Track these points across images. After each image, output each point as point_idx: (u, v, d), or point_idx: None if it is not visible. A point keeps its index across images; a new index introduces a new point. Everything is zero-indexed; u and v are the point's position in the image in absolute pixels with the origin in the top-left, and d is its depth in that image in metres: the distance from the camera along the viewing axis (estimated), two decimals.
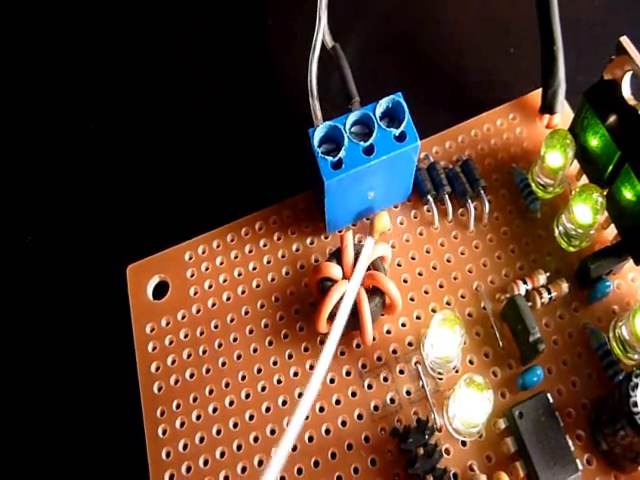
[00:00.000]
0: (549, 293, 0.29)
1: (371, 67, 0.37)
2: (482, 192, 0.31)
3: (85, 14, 0.40)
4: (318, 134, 0.28)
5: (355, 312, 0.27)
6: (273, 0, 0.40)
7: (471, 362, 0.28)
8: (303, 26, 0.33)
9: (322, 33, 0.33)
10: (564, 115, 0.33)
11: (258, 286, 0.30)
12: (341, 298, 0.27)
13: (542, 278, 0.29)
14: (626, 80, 0.27)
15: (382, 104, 0.28)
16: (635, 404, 0.23)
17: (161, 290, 0.31)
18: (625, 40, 0.27)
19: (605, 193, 0.29)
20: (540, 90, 0.33)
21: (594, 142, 0.29)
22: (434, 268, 0.30)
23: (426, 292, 0.30)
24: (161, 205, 0.34)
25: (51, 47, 0.39)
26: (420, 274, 0.30)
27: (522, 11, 0.32)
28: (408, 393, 0.28)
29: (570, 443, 0.25)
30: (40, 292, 0.32)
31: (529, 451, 0.25)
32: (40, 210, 0.34)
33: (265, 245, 0.31)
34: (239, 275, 0.30)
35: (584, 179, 0.31)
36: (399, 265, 0.30)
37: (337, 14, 0.33)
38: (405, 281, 0.30)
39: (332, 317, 0.27)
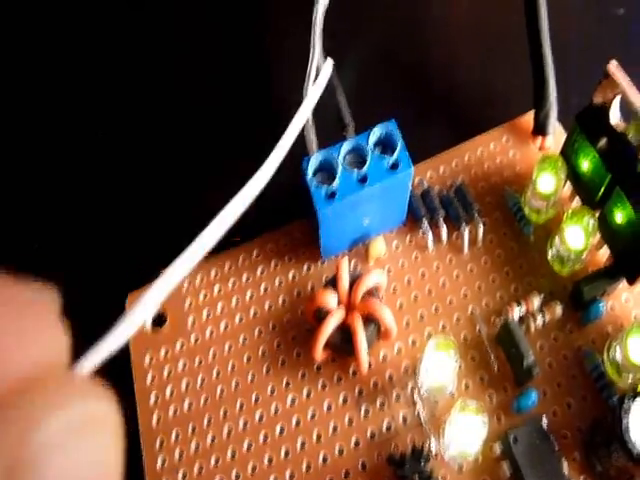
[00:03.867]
0: (543, 316, 0.30)
1: (365, 89, 0.38)
2: (476, 215, 0.32)
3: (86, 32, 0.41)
4: (312, 164, 0.29)
5: (350, 339, 0.28)
6: (267, 24, 0.41)
7: (467, 386, 0.29)
8: (297, 51, 0.34)
9: (317, 60, 0.34)
10: (556, 137, 0.34)
11: (255, 314, 0.31)
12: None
13: (536, 301, 0.30)
14: (615, 105, 0.28)
15: (375, 132, 0.29)
16: (627, 428, 0.24)
17: (159, 319, 0.32)
18: (613, 65, 0.28)
19: (597, 215, 0.30)
20: (532, 112, 0.34)
21: (585, 165, 0.30)
22: (429, 292, 0.31)
23: (421, 317, 0.31)
24: (159, 233, 0.35)
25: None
26: (415, 298, 0.31)
27: (514, 32, 0.33)
28: (404, 419, 0.29)
29: (565, 466, 0.26)
30: None
31: (524, 475, 0.26)
32: (35, 241, 0.35)
33: (262, 272, 0.32)
34: (237, 304, 0.31)
35: (577, 201, 0.32)
36: (394, 290, 0.31)
37: (331, 37, 0.34)
38: (401, 306, 0.31)
39: (328, 345, 0.28)
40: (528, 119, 0.35)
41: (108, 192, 0.36)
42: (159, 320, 0.31)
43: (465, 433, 0.26)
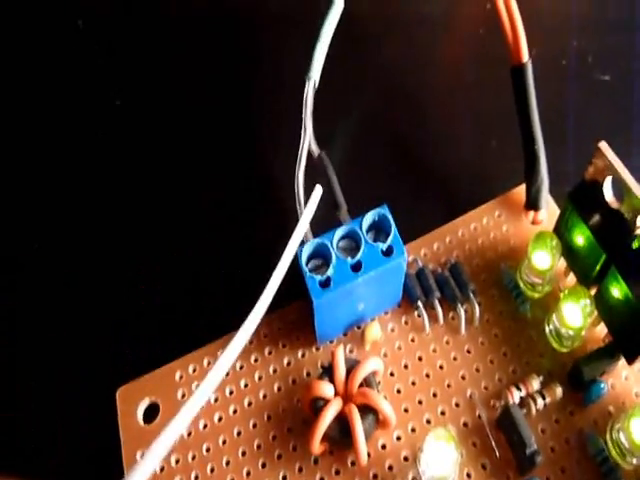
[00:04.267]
0: (543, 399, 0.29)
1: (356, 168, 0.38)
2: (472, 295, 0.32)
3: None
4: (306, 252, 0.29)
5: (348, 431, 0.28)
6: (257, 107, 0.41)
7: (469, 475, 0.28)
8: (288, 132, 0.35)
9: (308, 142, 0.34)
10: (549, 210, 0.34)
11: (250, 404, 0.31)
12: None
13: (536, 383, 0.30)
14: (607, 183, 0.28)
15: (368, 218, 0.29)
16: None
17: (152, 412, 0.31)
18: (603, 145, 0.28)
19: (594, 292, 0.30)
20: (524, 185, 0.34)
21: (580, 242, 0.30)
22: (427, 376, 0.31)
23: (420, 402, 0.30)
24: (149, 322, 0.35)
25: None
26: (413, 383, 0.31)
27: (503, 104, 0.33)
28: None
29: None
30: (26, 426, 0.33)
31: None
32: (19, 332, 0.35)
33: (256, 360, 0.32)
34: (230, 394, 0.31)
35: (572, 276, 0.32)
36: (392, 374, 0.31)
37: (321, 115, 0.35)
38: (398, 391, 0.30)
39: (325, 437, 0.28)
40: (520, 192, 0.35)
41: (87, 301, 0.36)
42: (151, 413, 0.30)
43: None
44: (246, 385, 0.31)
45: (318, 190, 0.30)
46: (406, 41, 0.43)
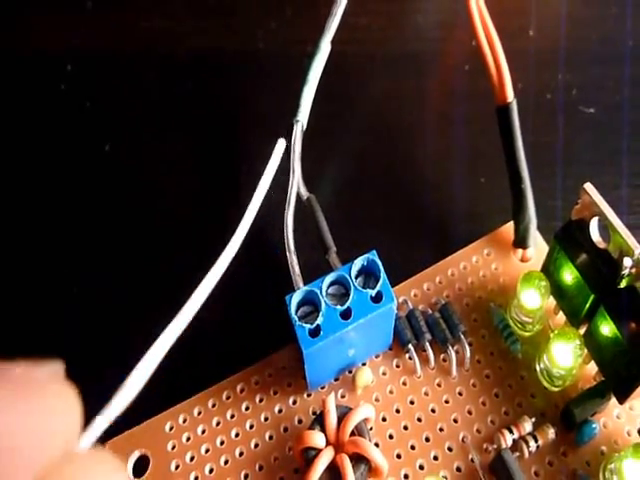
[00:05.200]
0: (536, 441, 0.29)
1: (345, 209, 0.39)
2: (462, 336, 0.32)
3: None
4: (295, 300, 0.29)
5: None
6: (244, 149, 0.42)
7: None
8: (276, 174, 0.35)
9: (297, 185, 0.34)
10: (538, 247, 0.34)
11: (242, 454, 0.31)
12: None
13: (528, 425, 0.30)
14: (593, 223, 0.29)
15: (357, 264, 0.30)
16: None
17: (141, 464, 0.31)
18: (588, 186, 0.29)
19: (584, 331, 0.30)
20: (512, 222, 0.35)
21: (568, 281, 0.30)
22: (419, 420, 0.31)
23: (412, 447, 0.30)
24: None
25: None
26: (405, 427, 0.31)
27: (491, 140, 0.34)
28: None
29: None
30: None
31: None
32: None
33: (247, 409, 0.32)
34: (221, 444, 0.31)
35: (562, 314, 0.32)
36: (384, 419, 0.31)
37: (309, 154, 0.35)
38: (391, 436, 0.31)
39: None
40: (508, 230, 0.35)
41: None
42: (140, 466, 0.31)
43: None
44: (237, 434, 0.31)
45: (281, 144, 0.30)
46: (393, 79, 0.44)
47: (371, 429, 0.30)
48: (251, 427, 0.32)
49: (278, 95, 0.38)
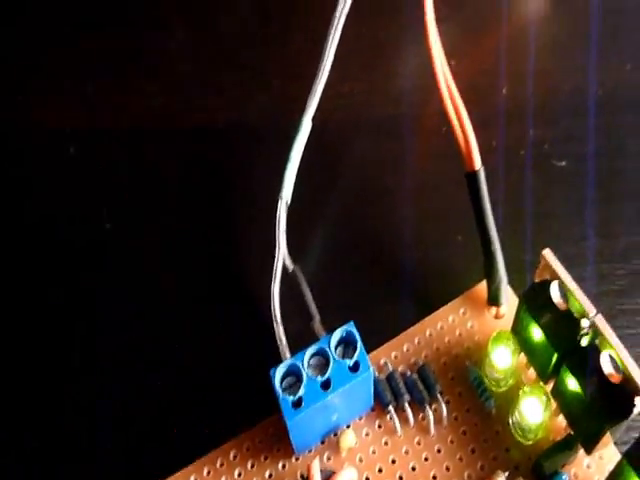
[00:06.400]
0: None
1: (329, 275, 0.41)
2: (439, 396, 0.35)
3: None
4: (279, 373, 0.31)
5: None
6: (232, 224, 0.45)
7: None
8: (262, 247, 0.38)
9: (282, 259, 0.37)
10: (510, 303, 0.37)
11: None
12: None
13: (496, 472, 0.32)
14: (554, 286, 0.31)
15: (336, 335, 0.32)
16: None
17: None
18: (547, 253, 0.31)
19: (552, 387, 0.32)
20: (485, 281, 0.37)
21: (535, 339, 0.33)
22: (400, 478, 0.33)
23: None
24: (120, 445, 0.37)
25: None
26: None
27: (467, 199, 0.36)
28: None
29: None
30: None
31: None
32: None
33: (240, 475, 0.34)
34: None
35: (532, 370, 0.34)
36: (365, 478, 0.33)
37: (291, 224, 0.38)
38: None
39: None
40: (482, 288, 0.37)
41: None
42: None
43: None
44: None
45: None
46: (374, 143, 0.46)
47: None
48: None
49: (266, 170, 0.40)
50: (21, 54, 0.51)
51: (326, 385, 0.31)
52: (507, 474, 0.32)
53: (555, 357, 0.31)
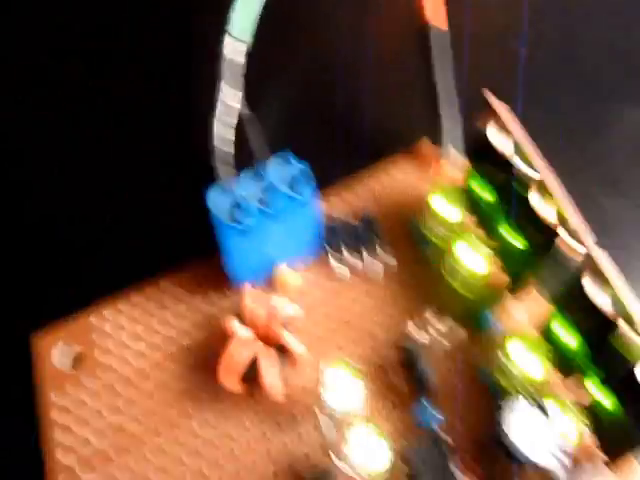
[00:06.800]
0: (443, 336, 0.33)
1: (284, 129, 0.41)
2: (381, 244, 0.35)
3: None
4: (225, 202, 0.31)
5: (261, 373, 0.31)
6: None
7: (374, 410, 0.32)
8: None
9: (238, 103, 0.35)
10: (452, 161, 0.37)
11: (172, 353, 0.34)
12: None
13: (436, 322, 0.33)
14: (491, 130, 0.32)
15: (283, 170, 0.32)
16: (503, 433, 0.27)
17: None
18: (487, 93, 0.32)
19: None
20: (429, 140, 0.38)
21: (479, 192, 0.33)
22: (340, 320, 0.34)
23: (334, 345, 0.33)
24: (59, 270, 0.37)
25: None
26: (328, 328, 0.34)
27: (413, 67, 0.36)
28: (314, 440, 0.31)
29: (459, 474, 0.29)
30: None
31: None
32: None
33: (179, 302, 0.35)
34: (155, 338, 0.34)
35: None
36: (307, 319, 0.34)
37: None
38: (313, 335, 0.34)
39: (244, 379, 0.31)
40: (426, 146, 0.38)
41: None
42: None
43: (366, 453, 0.29)
44: (170, 330, 0.34)
45: None
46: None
47: (294, 329, 0.32)
48: (180, 325, 0.34)
49: None
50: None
51: (271, 216, 0.31)
52: (443, 316, 0.33)
53: (499, 206, 0.32)
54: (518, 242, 0.32)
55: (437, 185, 0.34)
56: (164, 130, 0.40)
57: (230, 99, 0.36)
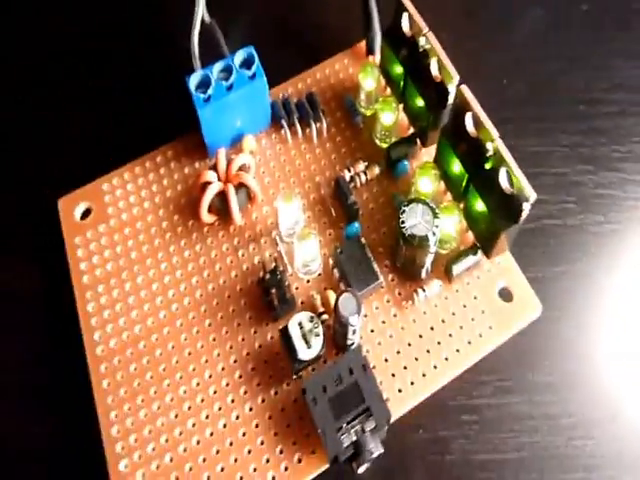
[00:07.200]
0: (366, 175, 0.43)
1: (242, 31, 0.51)
2: (321, 114, 0.45)
3: None
4: (194, 80, 0.41)
5: (227, 203, 0.41)
6: None
7: (314, 228, 0.42)
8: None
9: (201, 12, 0.45)
10: (377, 51, 0.47)
11: (162, 214, 0.44)
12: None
13: (361, 166, 0.43)
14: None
15: (239, 54, 0.42)
16: (403, 223, 0.37)
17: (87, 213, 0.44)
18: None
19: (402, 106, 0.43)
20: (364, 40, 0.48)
21: (395, 70, 0.43)
22: (288, 171, 0.44)
23: (282, 188, 0.43)
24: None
25: None
26: (278, 176, 0.44)
27: None
28: (270, 255, 0.41)
29: (375, 266, 0.39)
30: None
31: (347, 274, 0.39)
32: None
33: (172, 171, 0.45)
34: (150, 206, 0.44)
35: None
36: (263, 172, 0.44)
37: None
38: (267, 182, 0.44)
39: (213, 209, 0.41)
40: (362, 45, 0.48)
41: None
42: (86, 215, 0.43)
43: (306, 252, 0.39)
44: (161, 199, 0.44)
45: None
46: None
47: (253, 178, 0.42)
48: (167, 192, 0.44)
49: None
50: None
51: (230, 88, 0.41)
52: (366, 163, 0.43)
53: (405, 79, 0.42)
54: (420, 101, 0.41)
55: (364, 67, 0.44)
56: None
57: (198, 14, 0.46)
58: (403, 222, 0.36)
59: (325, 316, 0.39)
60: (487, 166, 0.36)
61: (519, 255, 0.40)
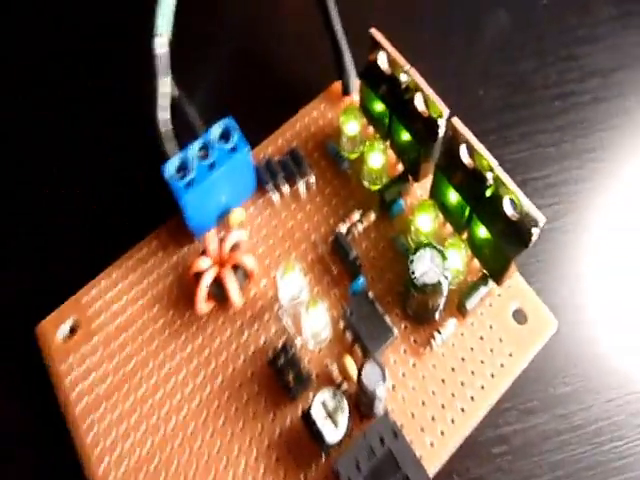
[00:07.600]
0: (362, 223, 0.40)
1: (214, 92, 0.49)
2: (307, 169, 0.43)
3: None
4: (172, 166, 0.38)
5: (224, 287, 0.38)
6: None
7: (317, 291, 0.39)
8: None
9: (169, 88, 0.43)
10: (354, 91, 0.45)
11: (154, 306, 0.41)
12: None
13: (356, 215, 0.40)
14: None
15: (217, 127, 0.39)
16: (413, 274, 0.34)
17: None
18: (374, 31, 0.38)
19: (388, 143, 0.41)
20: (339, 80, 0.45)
21: (377, 109, 0.41)
22: (282, 236, 0.41)
23: (278, 255, 0.41)
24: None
25: None
26: (272, 243, 0.41)
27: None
28: (276, 332, 0.39)
29: (388, 320, 0.37)
30: None
31: (360, 335, 0.36)
32: None
33: (159, 264, 0.42)
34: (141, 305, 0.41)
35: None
36: (256, 242, 0.41)
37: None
38: (262, 252, 0.41)
39: (211, 296, 0.38)
40: (338, 86, 0.45)
41: None
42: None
43: (316, 321, 0.36)
44: (152, 295, 0.41)
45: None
46: None
47: (246, 252, 0.40)
48: (157, 285, 0.42)
49: None
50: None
51: (212, 167, 0.39)
52: (361, 211, 0.40)
53: (389, 116, 0.39)
54: (405, 135, 0.39)
55: (344, 110, 0.42)
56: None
57: (162, 87, 0.43)
58: (413, 272, 0.34)
59: (345, 386, 0.36)
60: (488, 193, 0.34)
61: (521, 271, 0.39)
